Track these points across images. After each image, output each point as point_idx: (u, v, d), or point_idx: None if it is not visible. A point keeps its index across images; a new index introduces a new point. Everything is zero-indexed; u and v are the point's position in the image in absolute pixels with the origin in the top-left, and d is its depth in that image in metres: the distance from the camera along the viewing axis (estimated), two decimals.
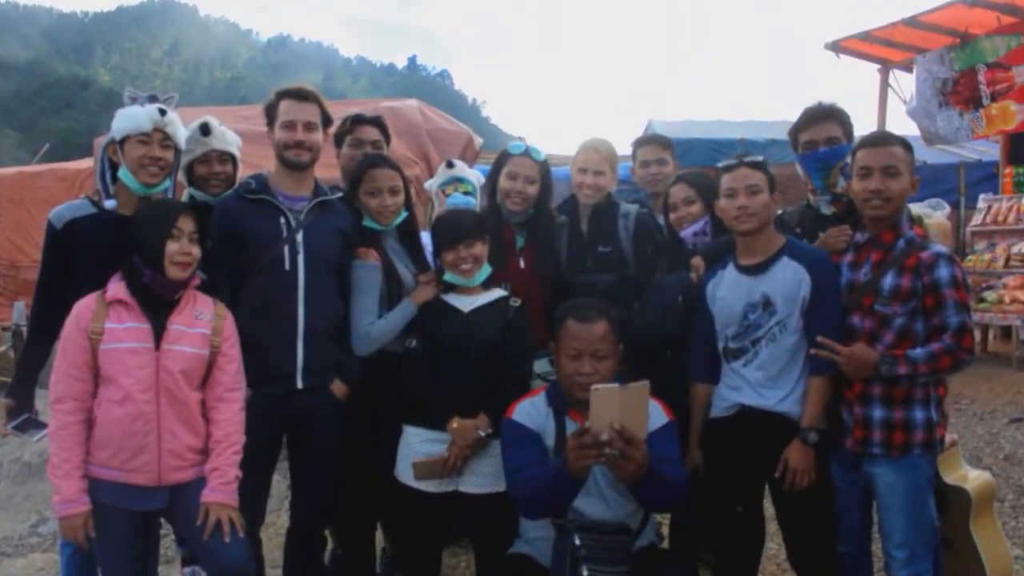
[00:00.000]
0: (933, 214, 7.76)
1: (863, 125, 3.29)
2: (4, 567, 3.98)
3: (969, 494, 2.84)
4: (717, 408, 2.76)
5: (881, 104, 9.36)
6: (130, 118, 2.64)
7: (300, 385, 2.80)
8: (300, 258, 2.80)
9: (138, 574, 2.57)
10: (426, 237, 3.12)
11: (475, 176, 3.46)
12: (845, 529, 2.65)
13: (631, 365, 2.82)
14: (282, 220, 2.81)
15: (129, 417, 2.39)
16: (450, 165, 3.49)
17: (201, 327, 2.52)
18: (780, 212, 3.02)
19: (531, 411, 2.58)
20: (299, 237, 2.81)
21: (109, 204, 2.73)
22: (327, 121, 2.94)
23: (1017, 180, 8.56)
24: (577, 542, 2.36)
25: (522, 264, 3.22)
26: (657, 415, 2.49)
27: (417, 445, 2.79)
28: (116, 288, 2.47)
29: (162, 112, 2.64)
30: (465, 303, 2.87)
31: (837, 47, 9.18)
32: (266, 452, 2.84)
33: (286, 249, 2.79)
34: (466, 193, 3.30)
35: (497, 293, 2.94)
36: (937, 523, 2.61)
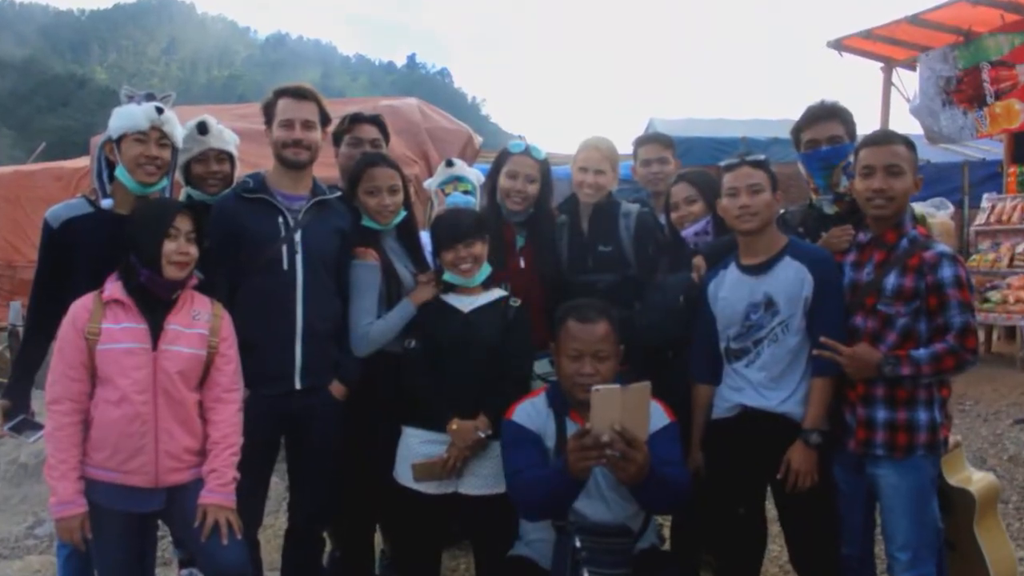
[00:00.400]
0: (937, 213, 7.75)
1: (866, 124, 3.27)
2: (1, 569, 3.96)
3: (973, 496, 2.82)
4: (719, 409, 2.74)
5: (884, 103, 9.35)
6: (127, 117, 2.63)
7: (298, 386, 2.78)
8: (298, 258, 2.77)
9: None
10: (425, 237, 3.10)
11: (475, 175, 3.43)
12: (848, 531, 2.63)
13: (632, 366, 2.80)
14: (280, 219, 2.79)
15: (126, 418, 2.37)
16: (450, 164, 3.47)
17: (199, 327, 2.50)
18: (782, 211, 3.00)
19: (531, 412, 2.56)
20: (297, 237, 2.79)
21: (106, 203, 2.72)
22: (325, 120, 2.92)
23: (1021, 179, 8.53)
24: (578, 544, 2.35)
25: (522, 264, 3.20)
26: (658, 416, 2.47)
27: (416, 446, 2.77)
28: (113, 288, 2.45)
29: (159, 110, 2.63)
30: (465, 303, 2.85)
31: (840, 45, 9.16)
32: (264, 453, 2.83)
33: (284, 249, 2.77)
34: (466, 192, 3.28)
35: (497, 293, 2.92)
36: (941, 525, 2.60)
